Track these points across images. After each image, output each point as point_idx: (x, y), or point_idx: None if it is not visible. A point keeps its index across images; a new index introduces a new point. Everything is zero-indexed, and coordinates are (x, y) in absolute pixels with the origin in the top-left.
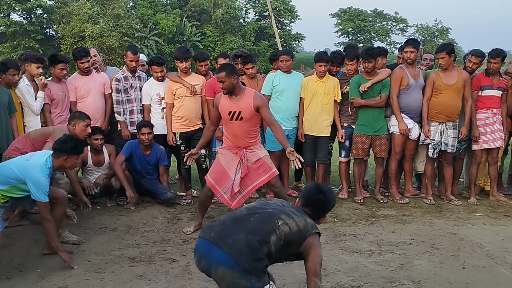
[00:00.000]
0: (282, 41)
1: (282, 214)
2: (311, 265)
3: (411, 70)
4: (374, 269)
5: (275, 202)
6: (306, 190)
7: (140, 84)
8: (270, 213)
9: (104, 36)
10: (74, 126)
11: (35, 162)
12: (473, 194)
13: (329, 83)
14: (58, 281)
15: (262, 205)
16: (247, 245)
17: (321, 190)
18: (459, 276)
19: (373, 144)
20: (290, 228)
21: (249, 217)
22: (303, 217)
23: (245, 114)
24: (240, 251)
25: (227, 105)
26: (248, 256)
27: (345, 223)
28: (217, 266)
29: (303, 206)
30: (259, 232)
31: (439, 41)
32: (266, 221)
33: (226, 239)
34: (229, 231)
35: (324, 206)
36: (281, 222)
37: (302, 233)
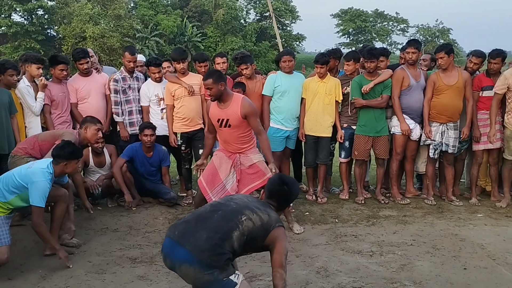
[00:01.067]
0: (283, 41)
1: (245, 209)
2: (276, 257)
3: (412, 71)
4: (375, 270)
5: (240, 198)
6: (269, 182)
7: (138, 85)
8: (233, 209)
9: (105, 37)
10: (85, 130)
11: (38, 169)
12: (474, 195)
13: (330, 83)
14: (59, 282)
15: (226, 201)
16: (208, 243)
17: (284, 182)
18: (461, 277)
19: (375, 145)
20: (253, 223)
21: (213, 214)
22: (266, 211)
23: (233, 121)
24: (202, 248)
25: (215, 112)
26: (209, 252)
27: (346, 224)
28: (180, 263)
29: (268, 198)
30: (221, 229)
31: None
32: (228, 217)
33: (188, 237)
34: (192, 229)
35: (287, 198)
36: (244, 217)
37: (265, 226)
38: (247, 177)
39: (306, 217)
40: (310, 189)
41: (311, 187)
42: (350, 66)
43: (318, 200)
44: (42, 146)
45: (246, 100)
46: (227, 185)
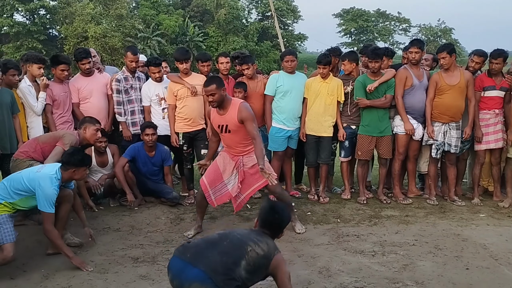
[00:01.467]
0: (285, 41)
1: (249, 241)
2: (281, 284)
3: (415, 71)
4: (378, 269)
5: (241, 230)
6: (261, 211)
7: (140, 85)
8: (240, 239)
9: (107, 37)
10: (84, 130)
11: (46, 174)
12: (476, 195)
13: (332, 84)
14: (61, 281)
15: (230, 232)
16: (222, 265)
17: (276, 211)
18: (463, 277)
19: (378, 145)
20: (257, 253)
21: (222, 241)
22: (265, 241)
23: (232, 127)
24: (216, 269)
25: (216, 118)
26: (223, 275)
27: (348, 224)
28: (190, 283)
29: (261, 227)
30: (232, 255)
31: (442, 41)
32: (237, 246)
33: (201, 258)
34: (204, 252)
35: (280, 226)
36: (250, 248)
37: (267, 256)
38: (250, 178)
39: (308, 217)
40: (312, 189)
41: (313, 187)
42: (346, 65)
43: (320, 200)
44: (44, 149)
45: (244, 105)
46: (229, 185)
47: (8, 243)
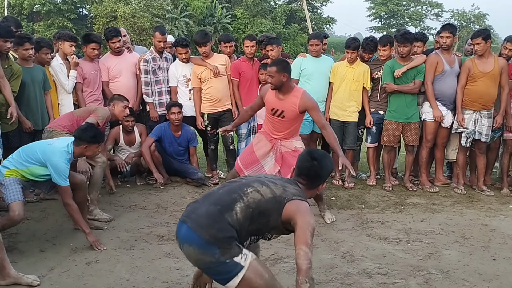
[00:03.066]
0: (313, 24)
1: (254, 183)
2: (299, 234)
3: (447, 56)
4: (402, 257)
5: (257, 175)
6: (299, 158)
7: (167, 65)
8: (240, 183)
9: (136, 17)
10: (113, 107)
11: (56, 148)
12: (506, 185)
13: (358, 69)
14: (89, 256)
15: (238, 179)
16: (207, 216)
17: (313, 156)
18: (489, 267)
19: (404, 131)
20: (261, 195)
21: (218, 190)
22: (283, 186)
23: (288, 114)
24: (200, 223)
25: (272, 101)
26: (208, 227)
27: (373, 210)
28: (183, 243)
29: (297, 175)
30: (222, 201)
31: (475, 27)
32: (232, 191)
33: (191, 214)
34: (196, 206)
35: (318, 173)
36: (251, 189)
37: (278, 199)
38: (290, 158)
39: (333, 202)
40: (336, 174)
41: (338, 172)
42: (386, 51)
43: (345, 185)
44: (79, 122)
45: (306, 94)
46: (265, 166)
47: (15, 201)
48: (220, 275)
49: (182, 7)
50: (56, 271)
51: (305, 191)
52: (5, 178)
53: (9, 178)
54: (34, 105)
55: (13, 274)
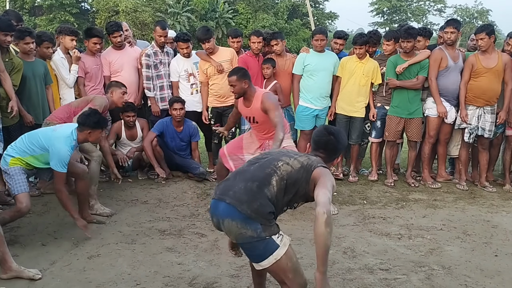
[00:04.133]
0: (315, 19)
1: (282, 156)
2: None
3: (451, 52)
4: (403, 252)
5: (279, 151)
6: (315, 133)
7: (169, 60)
8: (270, 159)
9: (138, 11)
10: (111, 93)
11: (61, 133)
12: (508, 181)
13: (368, 65)
14: (91, 250)
15: (263, 155)
16: (246, 192)
17: (331, 132)
18: (491, 263)
19: (407, 127)
20: (292, 166)
21: (249, 167)
22: (307, 156)
23: (259, 118)
24: (240, 199)
25: (243, 110)
26: (248, 202)
27: (375, 206)
28: (223, 219)
29: (314, 150)
30: (258, 177)
31: (478, 22)
32: (265, 166)
33: (227, 192)
34: (231, 184)
35: (335, 147)
36: (281, 163)
37: (306, 168)
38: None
39: (334, 197)
40: (339, 168)
41: (340, 167)
42: (390, 46)
43: (350, 179)
44: (77, 112)
45: (266, 95)
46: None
47: (21, 193)
48: (256, 251)
49: (184, 1)
50: (58, 265)
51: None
52: (10, 167)
53: (14, 167)
54: (35, 99)
55: (14, 268)
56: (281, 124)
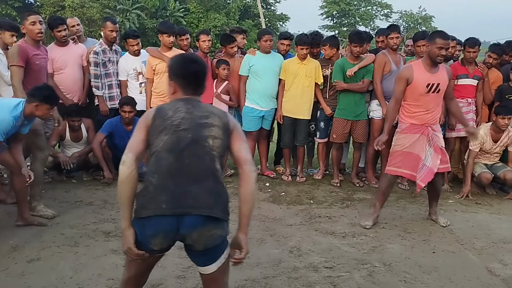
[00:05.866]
0: (266, 21)
1: (202, 130)
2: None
3: (393, 56)
4: (347, 250)
5: (181, 118)
6: (177, 67)
7: (117, 58)
8: (193, 139)
9: (85, 7)
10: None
11: (8, 102)
12: (446, 181)
13: (310, 65)
14: (30, 253)
15: (177, 137)
16: (209, 194)
17: (193, 60)
18: (429, 260)
19: (353, 129)
20: (219, 137)
21: (183, 163)
22: (208, 111)
23: (443, 86)
24: (208, 204)
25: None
26: (217, 204)
27: (321, 205)
28: (190, 233)
29: (186, 89)
30: (206, 170)
31: (422, 28)
32: (201, 153)
33: (184, 201)
34: (179, 191)
35: (205, 74)
36: (210, 140)
37: (225, 128)
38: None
39: (282, 197)
40: (286, 170)
41: (288, 168)
42: (326, 50)
43: (297, 179)
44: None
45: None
46: (427, 162)
47: None
48: (214, 253)
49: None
50: None
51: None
52: None
53: None
54: None
55: None
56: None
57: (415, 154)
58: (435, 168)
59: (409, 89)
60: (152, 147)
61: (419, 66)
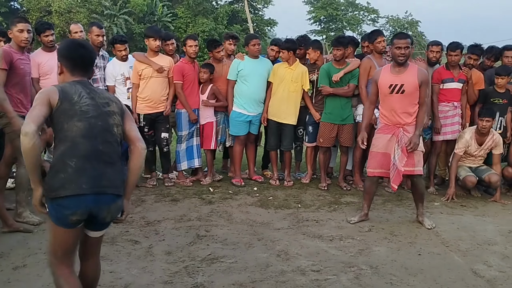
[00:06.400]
0: (254, 26)
1: (108, 118)
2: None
3: (379, 61)
4: (334, 254)
5: (85, 104)
6: (65, 49)
7: (104, 64)
8: (103, 127)
9: (72, 12)
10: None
11: None
12: (432, 184)
13: (297, 70)
14: (16, 260)
15: (85, 119)
16: (116, 175)
17: (81, 44)
18: (415, 262)
19: (340, 133)
20: (120, 124)
21: (97, 147)
22: (106, 97)
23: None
24: (116, 184)
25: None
26: (121, 183)
27: (309, 209)
28: (109, 208)
29: (74, 71)
30: (113, 153)
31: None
32: (110, 140)
33: (101, 182)
34: (95, 173)
35: (92, 59)
36: (115, 129)
37: (121, 112)
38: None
39: (270, 201)
40: (274, 174)
41: (275, 172)
42: (310, 54)
43: (285, 183)
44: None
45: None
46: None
47: None
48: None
49: (121, 3)
50: None
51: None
52: None
53: None
54: None
55: None
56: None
57: (387, 153)
58: (401, 169)
59: (379, 90)
60: (64, 131)
61: (386, 68)
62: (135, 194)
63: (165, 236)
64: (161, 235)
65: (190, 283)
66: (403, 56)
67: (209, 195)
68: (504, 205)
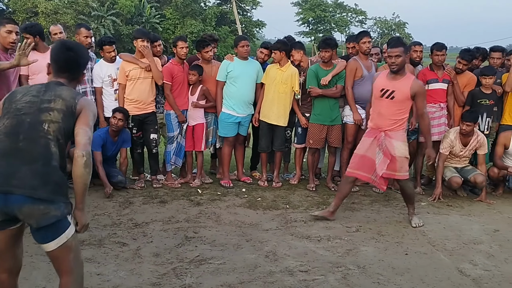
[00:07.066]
0: (243, 27)
1: (40, 115)
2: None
3: (365, 62)
4: (322, 254)
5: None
6: (53, 52)
7: (91, 65)
8: (31, 124)
9: (59, 13)
10: None
11: None
12: (418, 184)
13: (287, 72)
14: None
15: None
16: (34, 176)
17: (68, 47)
18: (402, 261)
19: (328, 133)
20: (57, 121)
21: (16, 143)
22: (57, 96)
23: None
24: (32, 185)
25: (382, 82)
26: (42, 186)
27: (297, 210)
28: (20, 208)
29: (57, 72)
30: (36, 154)
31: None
32: (34, 137)
33: (9, 181)
34: (8, 171)
35: (78, 63)
36: (46, 125)
37: (69, 112)
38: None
39: (258, 202)
40: (263, 175)
41: (264, 172)
42: (295, 55)
43: (274, 184)
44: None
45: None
46: (378, 166)
47: None
48: (52, 231)
49: (109, 5)
50: None
51: (69, 86)
52: None
53: None
54: None
55: None
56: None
57: (369, 157)
58: (380, 172)
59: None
60: None
61: (385, 72)
62: (122, 196)
63: (153, 238)
64: (149, 237)
65: (178, 284)
66: (394, 65)
67: (198, 196)
68: (490, 205)
